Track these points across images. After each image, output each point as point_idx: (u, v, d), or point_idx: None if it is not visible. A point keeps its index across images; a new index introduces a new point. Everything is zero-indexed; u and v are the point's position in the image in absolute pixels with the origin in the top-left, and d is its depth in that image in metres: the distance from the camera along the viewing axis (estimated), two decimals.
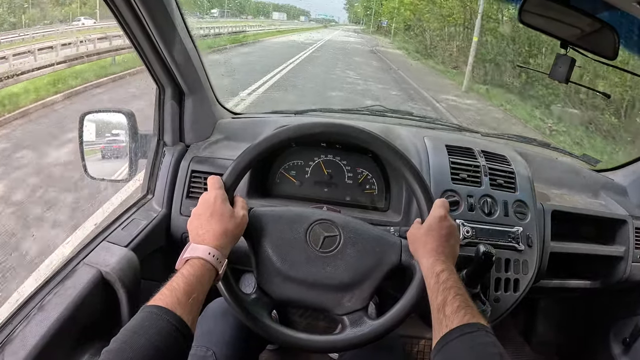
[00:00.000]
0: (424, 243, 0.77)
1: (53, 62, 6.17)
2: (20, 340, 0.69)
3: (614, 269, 1.21)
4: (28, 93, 5.38)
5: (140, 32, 0.92)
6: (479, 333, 0.61)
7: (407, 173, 0.85)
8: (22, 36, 7.44)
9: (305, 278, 0.80)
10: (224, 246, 0.72)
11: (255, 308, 0.79)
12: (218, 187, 0.77)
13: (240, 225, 0.77)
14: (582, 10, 0.88)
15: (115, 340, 0.56)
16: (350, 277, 0.80)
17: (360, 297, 0.81)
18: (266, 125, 1.20)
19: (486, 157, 1.12)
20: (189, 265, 0.67)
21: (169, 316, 0.59)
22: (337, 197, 1.18)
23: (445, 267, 0.72)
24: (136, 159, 1.12)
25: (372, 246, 0.82)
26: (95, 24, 10.81)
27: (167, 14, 0.93)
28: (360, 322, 0.79)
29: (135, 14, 0.87)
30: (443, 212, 0.79)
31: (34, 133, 4.92)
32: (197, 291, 0.64)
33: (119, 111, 1.11)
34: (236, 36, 18.32)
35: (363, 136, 0.85)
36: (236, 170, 0.81)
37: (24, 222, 3.25)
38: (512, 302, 1.03)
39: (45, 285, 0.81)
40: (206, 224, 0.73)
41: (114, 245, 0.92)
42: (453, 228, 0.80)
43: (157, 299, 0.61)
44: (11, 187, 3.74)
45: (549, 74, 0.98)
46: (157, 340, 0.56)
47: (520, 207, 1.06)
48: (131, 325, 0.58)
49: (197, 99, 1.15)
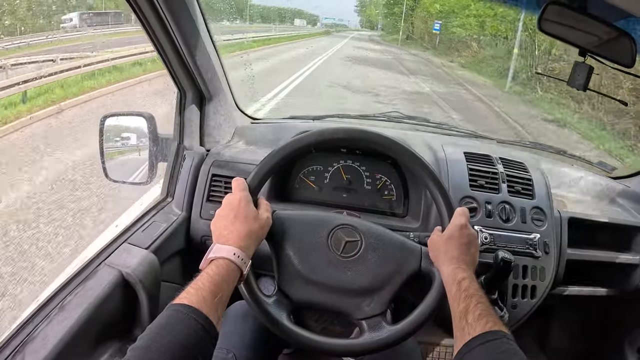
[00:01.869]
0: (445, 251, 0.78)
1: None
2: (41, 339, 0.70)
3: (630, 276, 1.20)
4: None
5: (164, 37, 0.94)
6: (501, 341, 0.61)
7: (428, 180, 0.86)
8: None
9: (325, 281, 0.81)
10: (248, 247, 0.73)
11: (276, 310, 0.80)
12: (242, 189, 0.78)
13: (264, 227, 0.78)
14: (600, 19, 0.89)
15: (141, 337, 0.56)
16: (370, 282, 0.81)
17: (379, 302, 0.81)
18: (285, 131, 1.21)
19: (504, 164, 1.12)
20: (214, 265, 0.67)
21: (195, 314, 0.59)
22: (355, 202, 1.18)
23: (467, 275, 0.73)
24: (156, 162, 1.14)
25: (392, 252, 0.83)
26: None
27: (191, 19, 0.95)
28: (378, 327, 0.80)
29: (160, 19, 0.89)
30: (464, 221, 0.80)
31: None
32: (222, 291, 0.65)
33: (139, 114, 1.12)
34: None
35: (386, 142, 0.86)
36: (260, 173, 0.82)
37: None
38: (529, 309, 1.03)
39: (67, 286, 0.82)
40: (230, 225, 0.74)
41: (135, 247, 0.94)
42: (473, 237, 0.81)
43: (183, 297, 0.61)
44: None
45: (567, 82, 0.98)
46: (184, 338, 0.56)
47: (538, 214, 1.07)
48: (158, 323, 0.58)
49: (218, 103, 1.17)
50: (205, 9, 0.99)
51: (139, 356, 0.54)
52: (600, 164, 1.34)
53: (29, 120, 4.58)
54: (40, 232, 2.96)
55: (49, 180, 3.55)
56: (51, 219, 3.09)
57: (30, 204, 3.23)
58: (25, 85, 4.84)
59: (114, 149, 1.15)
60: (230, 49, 11.54)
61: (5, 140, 4.31)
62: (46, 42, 6.40)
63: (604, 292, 1.23)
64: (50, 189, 3.44)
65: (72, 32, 8.93)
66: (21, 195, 3.30)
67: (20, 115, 4.61)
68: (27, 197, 3.29)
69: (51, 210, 3.19)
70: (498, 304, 0.94)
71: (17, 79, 4.79)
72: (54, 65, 5.68)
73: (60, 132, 4.81)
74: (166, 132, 1.16)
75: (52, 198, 3.32)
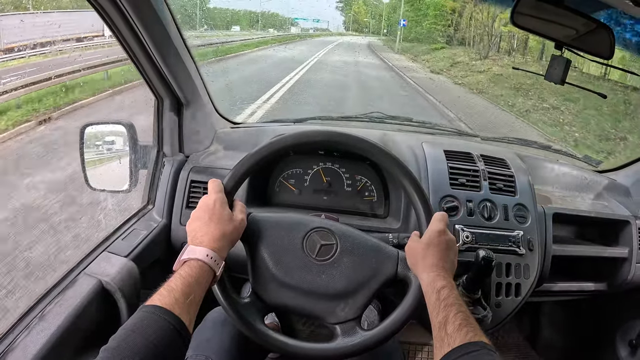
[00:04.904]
0: (424, 257, 0.77)
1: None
2: (21, 349, 0.70)
3: (618, 270, 1.19)
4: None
5: (135, 44, 0.93)
6: (481, 352, 0.60)
7: (406, 183, 0.84)
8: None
9: (299, 285, 0.81)
10: (221, 248, 0.73)
11: (249, 312, 0.79)
12: (218, 191, 0.78)
13: (238, 229, 0.78)
14: (577, 11, 0.87)
15: (113, 338, 0.56)
16: (345, 286, 0.80)
17: (353, 307, 0.80)
18: (265, 135, 1.20)
19: (485, 161, 1.11)
20: (187, 267, 0.68)
21: (167, 316, 0.59)
22: (336, 204, 1.18)
23: (446, 283, 0.72)
24: (136, 169, 1.13)
25: (368, 256, 0.82)
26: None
27: (162, 24, 0.94)
28: (352, 332, 0.79)
29: (130, 27, 0.88)
30: (442, 226, 0.79)
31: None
32: (195, 292, 0.65)
33: (118, 122, 1.12)
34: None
35: (363, 145, 0.85)
36: (237, 175, 0.82)
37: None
38: (513, 307, 1.02)
39: (47, 295, 0.82)
40: (205, 227, 0.74)
41: (114, 255, 0.93)
42: (452, 242, 0.79)
43: (155, 299, 0.62)
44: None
45: (545, 76, 0.97)
46: (155, 339, 0.56)
47: (521, 210, 1.06)
48: (129, 324, 0.58)
49: (196, 109, 1.16)
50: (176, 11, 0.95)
51: (110, 357, 0.54)
52: (585, 158, 1.33)
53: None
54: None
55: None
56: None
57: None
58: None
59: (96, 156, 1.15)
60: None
61: None
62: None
63: (593, 287, 1.22)
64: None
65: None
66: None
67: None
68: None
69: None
70: (481, 303, 0.93)
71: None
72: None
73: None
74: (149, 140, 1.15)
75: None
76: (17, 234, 2.68)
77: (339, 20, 39.40)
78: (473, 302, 0.93)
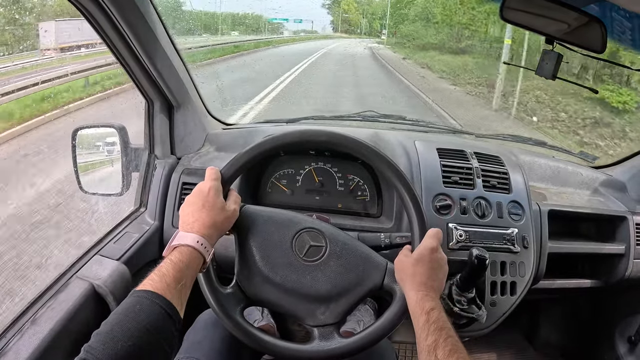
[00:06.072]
0: (413, 274, 0.75)
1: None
2: (13, 353, 0.70)
3: (616, 267, 1.18)
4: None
5: (124, 48, 0.93)
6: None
7: (404, 195, 0.83)
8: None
9: (283, 283, 0.80)
10: (211, 236, 0.73)
11: (229, 302, 0.79)
12: (214, 179, 0.78)
13: (230, 219, 0.78)
14: (568, 4, 0.86)
15: (105, 323, 0.56)
16: (328, 290, 0.80)
17: (334, 312, 0.80)
18: (257, 135, 1.19)
19: (479, 158, 1.10)
20: (178, 252, 0.68)
21: (159, 300, 0.59)
22: (329, 204, 1.17)
23: (435, 304, 0.70)
24: (128, 172, 1.13)
25: (356, 263, 0.81)
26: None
27: (149, 29, 0.94)
28: (329, 337, 0.78)
29: (117, 30, 0.88)
30: (435, 244, 0.77)
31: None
32: (185, 278, 0.65)
33: (110, 125, 1.12)
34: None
35: (355, 146, 0.84)
36: (236, 164, 0.82)
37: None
38: (509, 306, 1.01)
39: (39, 299, 0.82)
40: (197, 213, 0.74)
41: (106, 258, 0.93)
42: (443, 261, 0.78)
43: (147, 284, 0.62)
44: None
45: (536, 71, 0.96)
46: (148, 323, 0.56)
47: (515, 208, 1.05)
48: (121, 308, 0.58)
49: (187, 111, 1.16)
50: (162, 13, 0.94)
51: (102, 341, 0.54)
52: (581, 154, 1.31)
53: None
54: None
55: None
56: None
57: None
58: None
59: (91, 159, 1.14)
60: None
61: None
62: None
63: (590, 284, 1.21)
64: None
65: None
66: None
67: None
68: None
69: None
70: (476, 302, 0.92)
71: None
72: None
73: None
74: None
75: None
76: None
77: (325, 20, 34.84)
78: (468, 301, 0.92)
